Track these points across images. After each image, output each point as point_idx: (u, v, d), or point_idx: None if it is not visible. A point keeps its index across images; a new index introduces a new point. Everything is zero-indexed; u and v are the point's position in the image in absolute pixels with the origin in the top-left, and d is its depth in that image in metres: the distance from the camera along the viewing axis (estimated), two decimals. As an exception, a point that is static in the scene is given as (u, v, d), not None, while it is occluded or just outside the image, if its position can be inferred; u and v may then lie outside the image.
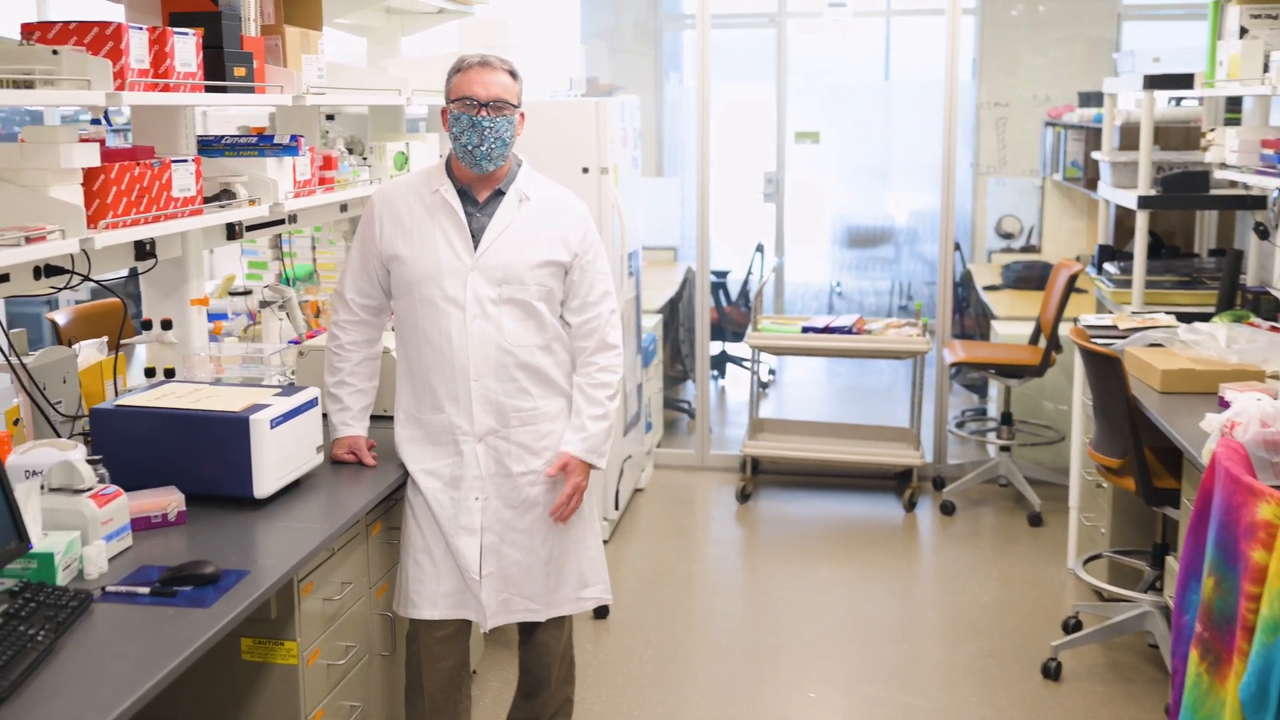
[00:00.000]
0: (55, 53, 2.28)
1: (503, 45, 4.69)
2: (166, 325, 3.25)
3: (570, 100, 4.92)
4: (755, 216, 9.09)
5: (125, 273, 4.46)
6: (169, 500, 2.58)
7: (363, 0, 3.84)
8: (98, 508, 2.35)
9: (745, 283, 8.26)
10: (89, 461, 2.49)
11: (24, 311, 6.26)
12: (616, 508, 5.32)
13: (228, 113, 4.61)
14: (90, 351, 3.15)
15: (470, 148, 2.90)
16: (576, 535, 3.15)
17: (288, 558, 2.48)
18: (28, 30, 2.44)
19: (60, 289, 2.73)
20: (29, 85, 2.28)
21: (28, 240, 2.26)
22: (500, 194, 3.01)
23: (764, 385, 8.14)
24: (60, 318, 4.26)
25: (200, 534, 2.57)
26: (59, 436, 2.86)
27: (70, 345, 3.15)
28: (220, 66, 2.87)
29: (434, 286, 2.94)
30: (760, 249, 8.29)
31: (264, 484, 2.67)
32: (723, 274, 8.31)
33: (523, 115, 3.00)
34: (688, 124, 8.44)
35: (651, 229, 8.29)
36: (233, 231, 3.42)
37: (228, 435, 2.64)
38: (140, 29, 2.51)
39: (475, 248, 2.95)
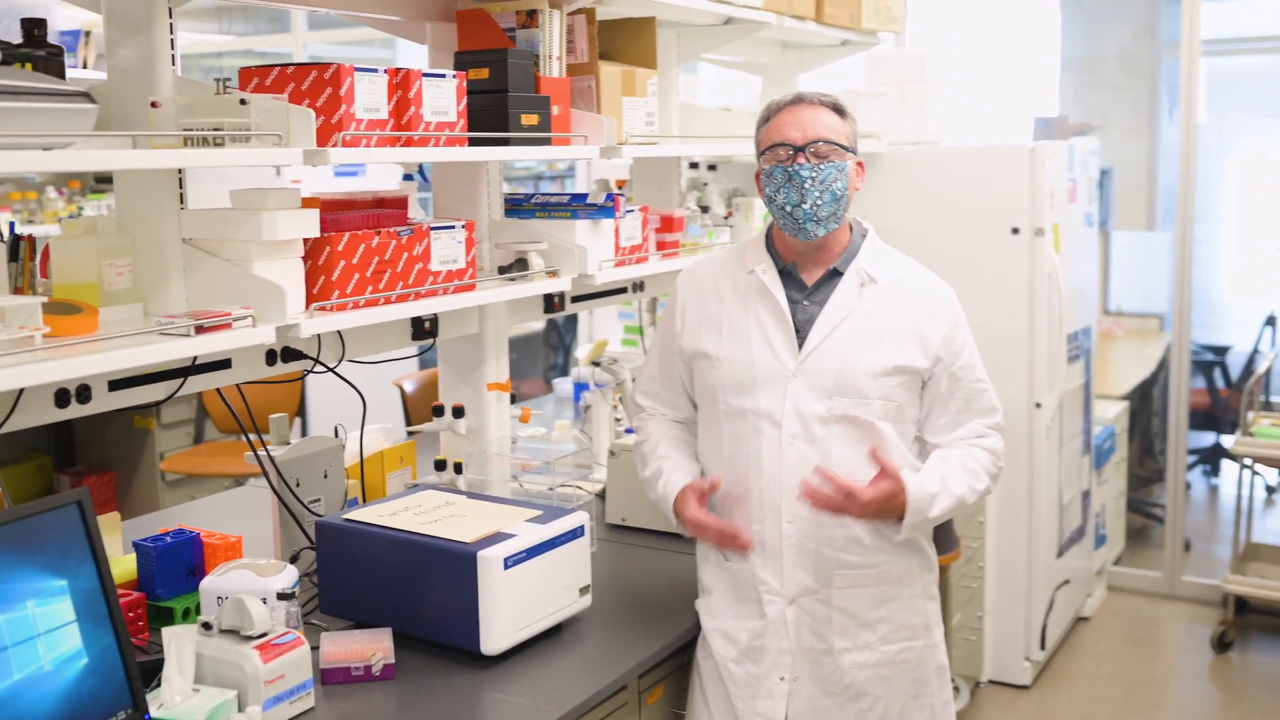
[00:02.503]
0: (243, 102, 1.86)
1: (920, 81, 3.91)
2: (458, 413, 2.81)
3: (995, 146, 4.01)
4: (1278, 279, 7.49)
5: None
6: (374, 649, 2.08)
7: (731, 33, 3.24)
8: (262, 662, 1.89)
9: (1251, 361, 6.73)
10: (283, 595, 2.05)
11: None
12: (1043, 646, 4.29)
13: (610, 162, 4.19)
14: (375, 437, 2.78)
15: (789, 208, 2.18)
16: (923, 732, 2.32)
17: (498, 747, 1.90)
18: (246, 77, 2.06)
19: (301, 375, 2.36)
20: (220, 143, 1.88)
21: (199, 330, 1.85)
22: (836, 274, 2.26)
23: (1270, 490, 6.59)
24: (409, 385, 4.01)
25: (405, 699, 2.04)
26: (308, 541, 2.48)
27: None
28: (504, 113, 2.37)
29: (744, 396, 2.25)
30: (1271, 321, 6.74)
31: (494, 639, 2.10)
32: (1222, 350, 6.85)
33: (860, 164, 2.24)
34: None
35: (1133, 293, 7.02)
36: (551, 303, 2.94)
37: (452, 573, 2.11)
38: (374, 72, 2.06)
39: (800, 346, 2.23)
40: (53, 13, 4.23)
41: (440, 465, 2.76)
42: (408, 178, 2.94)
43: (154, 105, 1.92)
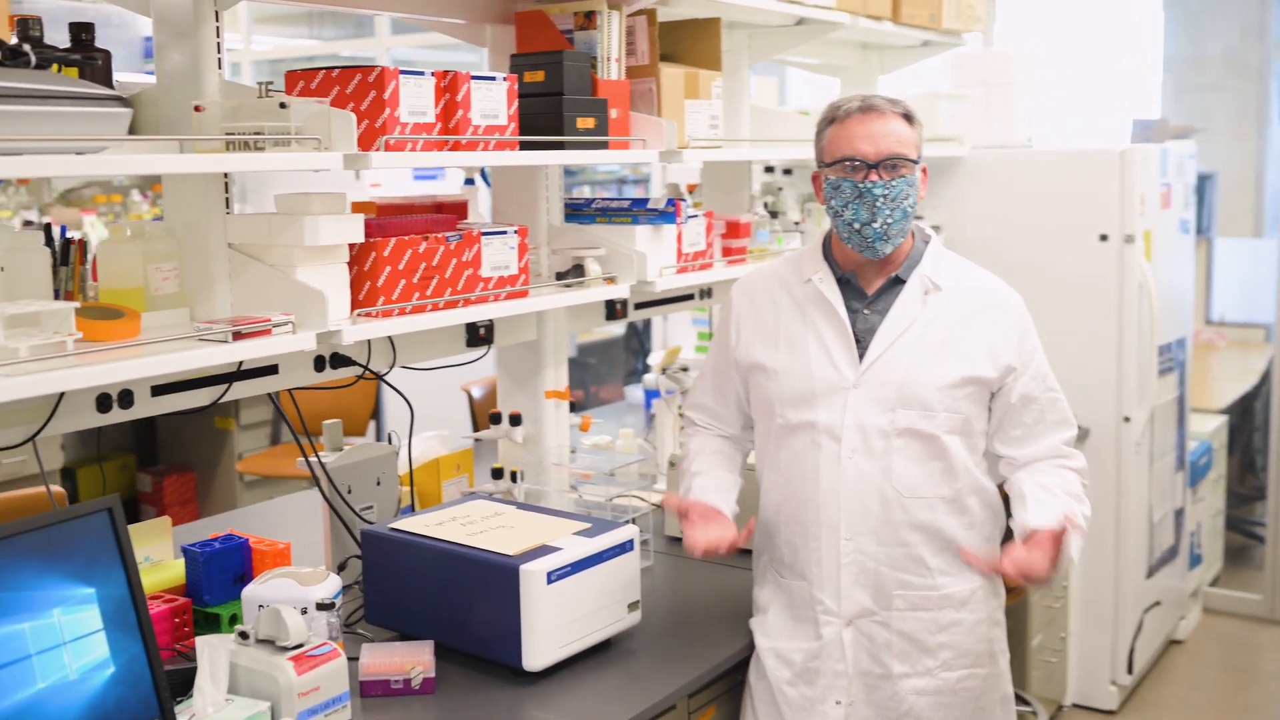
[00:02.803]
0: (283, 106, 1.83)
1: (1006, 83, 3.77)
2: (515, 420, 2.77)
3: (1083, 150, 3.85)
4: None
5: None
6: (414, 662, 2.04)
7: (804, 34, 3.14)
8: (296, 674, 1.86)
9: (1364, 375, 6.40)
10: (323, 605, 2.02)
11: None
12: (1130, 670, 4.11)
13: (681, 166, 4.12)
14: (432, 444, 2.75)
15: (858, 226, 2.09)
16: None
17: (535, 767, 1.85)
18: (292, 81, 2.04)
19: (349, 382, 2.33)
20: (260, 147, 1.86)
21: (236, 336, 1.83)
22: (899, 282, 2.17)
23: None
24: (476, 390, 3.99)
25: (444, 714, 1.99)
26: (357, 548, 2.45)
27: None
28: (559, 116, 2.32)
29: (802, 409, 2.16)
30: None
31: (535, 654, 2.05)
32: (1331, 361, 6.52)
33: (925, 171, 2.14)
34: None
35: (1238, 303, 6.73)
36: (613, 310, 2.89)
37: (494, 586, 2.06)
38: (420, 75, 2.02)
39: (860, 357, 2.14)
40: (138, 16, 4.30)
41: (497, 473, 2.72)
42: (469, 182, 2.91)
43: (197, 109, 1.90)
